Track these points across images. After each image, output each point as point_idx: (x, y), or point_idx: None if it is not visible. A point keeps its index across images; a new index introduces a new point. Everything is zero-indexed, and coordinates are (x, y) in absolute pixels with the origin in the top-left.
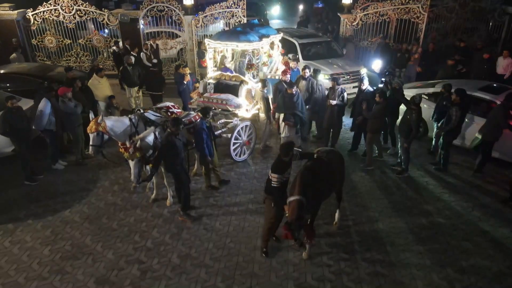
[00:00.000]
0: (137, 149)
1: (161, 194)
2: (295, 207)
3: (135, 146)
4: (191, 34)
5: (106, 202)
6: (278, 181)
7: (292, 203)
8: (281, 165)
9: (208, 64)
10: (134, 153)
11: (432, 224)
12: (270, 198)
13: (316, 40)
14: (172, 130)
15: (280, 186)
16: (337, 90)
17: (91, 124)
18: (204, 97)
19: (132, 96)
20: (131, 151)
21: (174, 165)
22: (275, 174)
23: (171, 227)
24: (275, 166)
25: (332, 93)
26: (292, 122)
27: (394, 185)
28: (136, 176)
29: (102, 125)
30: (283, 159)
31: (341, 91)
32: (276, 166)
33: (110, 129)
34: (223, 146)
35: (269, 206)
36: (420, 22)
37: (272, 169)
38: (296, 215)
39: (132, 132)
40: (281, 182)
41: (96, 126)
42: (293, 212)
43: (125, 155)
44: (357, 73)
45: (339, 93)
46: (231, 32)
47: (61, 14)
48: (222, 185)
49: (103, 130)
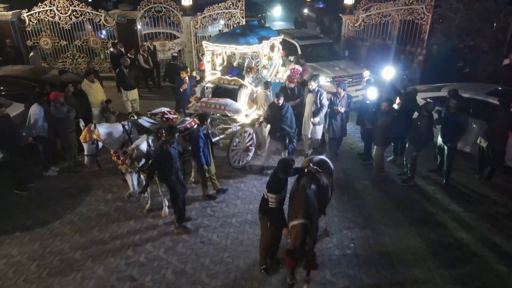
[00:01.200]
0: (134, 160)
1: (156, 203)
2: (299, 232)
3: (131, 157)
4: (189, 35)
5: (98, 212)
6: (275, 201)
7: (296, 228)
8: (279, 183)
9: (206, 67)
10: (132, 164)
11: (440, 237)
12: (266, 218)
13: (317, 42)
14: (167, 138)
15: (278, 206)
16: (343, 96)
17: (84, 133)
18: (202, 102)
19: (129, 100)
20: (128, 162)
21: (168, 175)
22: (272, 195)
23: (166, 240)
24: (272, 185)
25: (338, 100)
26: (276, 137)
27: (399, 195)
28: (135, 187)
29: (96, 133)
30: (280, 176)
31: (348, 96)
32: (273, 184)
33: (104, 137)
34: (221, 153)
35: (265, 227)
36: (424, 23)
37: (269, 189)
38: (300, 241)
39: (125, 139)
40: (278, 202)
41: (89, 135)
42: (296, 237)
43: (121, 168)
44: (360, 75)
45: (345, 99)
46: (230, 35)
47: (57, 15)
48: (220, 194)
49: (98, 138)
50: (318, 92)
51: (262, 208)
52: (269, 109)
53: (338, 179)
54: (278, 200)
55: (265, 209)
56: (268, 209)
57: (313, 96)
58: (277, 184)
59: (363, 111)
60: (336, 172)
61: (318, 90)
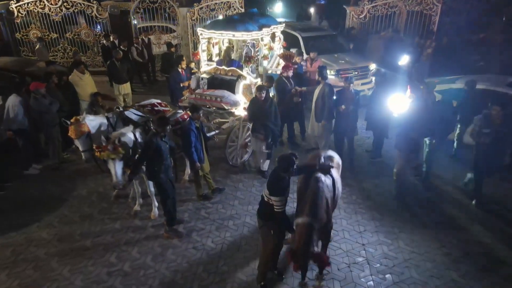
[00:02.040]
0: (117, 146)
1: (145, 204)
2: (303, 231)
3: (113, 142)
4: (186, 28)
5: (81, 214)
6: (281, 204)
7: (300, 227)
8: (281, 183)
9: (201, 56)
10: (115, 150)
11: (462, 242)
12: (268, 225)
13: (320, 34)
14: (158, 130)
15: (284, 209)
16: (350, 92)
17: (73, 129)
18: (196, 94)
19: (120, 94)
20: (110, 148)
21: (157, 173)
22: (276, 197)
23: (154, 245)
24: (275, 186)
25: (344, 97)
26: (262, 135)
27: (413, 194)
28: (119, 176)
29: (85, 125)
30: (282, 175)
31: (354, 93)
32: (275, 185)
33: (92, 129)
34: (218, 149)
35: (267, 235)
36: (434, 14)
37: (270, 190)
38: (304, 242)
39: (109, 132)
40: (284, 204)
41: (81, 129)
42: (300, 237)
43: (102, 155)
44: (366, 68)
45: (352, 96)
46: (227, 21)
47: (47, 6)
48: (216, 194)
49: (88, 130)
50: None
51: (262, 213)
52: (251, 105)
53: (345, 178)
54: (284, 203)
55: (267, 215)
56: (271, 214)
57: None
58: (279, 185)
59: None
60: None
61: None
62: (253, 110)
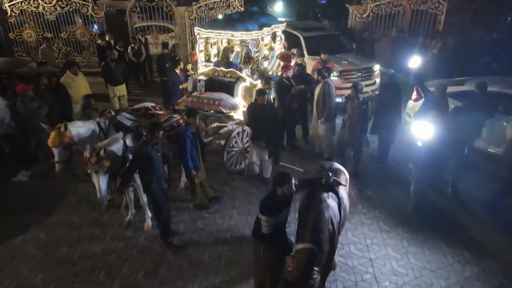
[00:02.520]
0: (102, 158)
1: (138, 214)
2: (302, 259)
3: (98, 154)
4: (184, 28)
5: (70, 225)
6: (268, 225)
7: (299, 254)
8: (275, 203)
9: (199, 57)
10: (100, 162)
11: (478, 258)
12: (258, 243)
13: (322, 34)
14: (148, 138)
15: (273, 231)
16: (359, 100)
17: (53, 136)
18: (193, 97)
19: (116, 96)
20: (93, 160)
21: (149, 183)
22: (264, 216)
23: (147, 260)
24: (265, 203)
25: (352, 105)
26: (263, 143)
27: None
28: (103, 192)
29: (68, 135)
30: (277, 193)
31: (363, 101)
32: (267, 203)
33: (77, 138)
34: (216, 155)
35: (257, 253)
36: (439, 13)
37: (260, 207)
38: (302, 272)
39: (101, 139)
40: (274, 226)
41: (60, 138)
42: (298, 266)
43: (87, 167)
44: (370, 69)
45: (361, 104)
46: (226, 20)
47: (41, 5)
48: (213, 203)
49: (71, 140)
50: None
51: (254, 230)
52: (250, 110)
53: None
54: (273, 225)
55: (258, 232)
56: (261, 234)
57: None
58: (272, 204)
59: None
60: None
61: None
62: (252, 115)
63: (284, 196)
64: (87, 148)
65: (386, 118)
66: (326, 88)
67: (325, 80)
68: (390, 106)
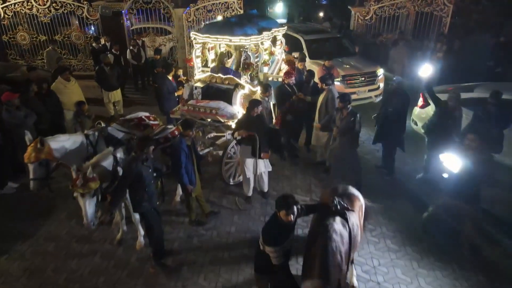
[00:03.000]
0: (90, 180)
1: (130, 231)
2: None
3: (85, 175)
4: (182, 30)
5: (57, 244)
6: (278, 255)
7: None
8: (280, 231)
9: (195, 63)
10: (86, 184)
11: (493, 283)
12: (266, 279)
13: (324, 36)
14: (138, 154)
15: (284, 260)
16: (347, 111)
17: (28, 151)
18: (189, 105)
19: (110, 101)
20: (79, 183)
21: (139, 202)
22: (271, 248)
23: (138, 284)
24: (270, 234)
25: (340, 117)
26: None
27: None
28: (90, 217)
29: (45, 151)
30: (281, 220)
31: (352, 113)
32: (271, 232)
33: (58, 152)
34: (213, 165)
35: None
36: (444, 15)
37: (265, 240)
38: None
39: (89, 153)
40: (283, 255)
41: (36, 154)
42: None
43: (73, 190)
44: (373, 74)
45: (348, 116)
46: (224, 24)
47: (35, 7)
48: (211, 218)
49: (49, 156)
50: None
51: (257, 265)
52: (245, 119)
53: None
54: (282, 254)
55: (262, 267)
56: (267, 266)
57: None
58: (276, 231)
59: None
60: None
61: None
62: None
63: (287, 221)
64: (73, 168)
65: (391, 126)
66: (330, 96)
67: (329, 88)
68: (395, 114)
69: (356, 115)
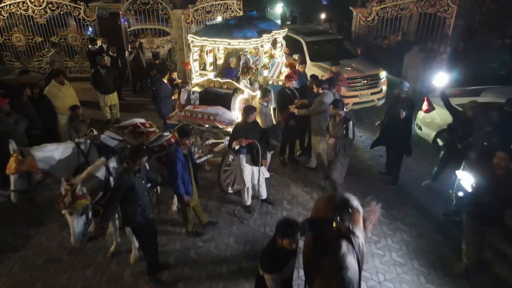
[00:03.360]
0: (79, 197)
1: (124, 243)
2: None
3: (73, 193)
4: (180, 31)
5: (47, 257)
6: (276, 284)
7: None
8: (279, 256)
9: (193, 67)
10: (74, 203)
11: None
12: None
13: (325, 38)
14: (130, 165)
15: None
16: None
17: (10, 162)
18: (186, 111)
19: (107, 105)
20: (67, 200)
21: (131, 216)
22: (269, 275)
23: None
24: (268, 259)
25: (333, 124)
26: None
27: (442, 231)
28: (78, 236)
29: (27, 162)
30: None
31: (344, 120)
32: (269, 258)
33: (44, 163)
34: (211, 172)
35: None
36: (448, 16)
37: (263, 264)
38: None
39: (80, 163)
40: (281, 284)
41: (17, 165)
42: None
43: (60, 208)
44: (376, 76)
45: (340, 123)
46: (222, 26)
47: (30, 8)
48: (208, 229)
49: (32, 169)
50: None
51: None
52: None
53: None
54: (280, 282)
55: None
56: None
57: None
58: (275, 257)
59: None
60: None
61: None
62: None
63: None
64: (62, 184)
65: (395, 132)
66: (319, 99)
67: (324, 92)
68: (400, 120)
69: (349, 122)
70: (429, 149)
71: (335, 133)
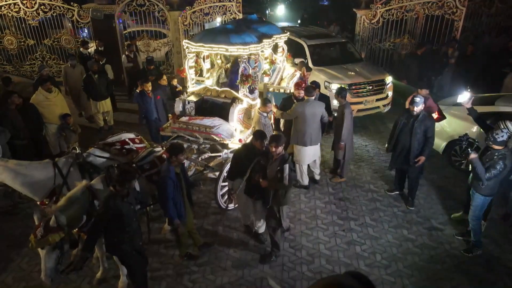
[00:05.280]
0: (52, 231)
1: (112, 269)
2: None
3: (46, 224)
4: (178, 34)
5: (28, 281)
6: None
7: None
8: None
9: (188, 74)
10: (45, 238)
11: None
12: None
13: (328, 41)
14: (117, 189)
15: None
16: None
17: None
18: (181, 123)
19: (99, 112)
20: (39, 233)
21: (117, 244)
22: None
23: None
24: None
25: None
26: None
27: (451, 251)
28: (49, 273)
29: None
30: None
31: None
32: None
33: (14, 182)
34: (208, 186)
35: None
36: (456, 18)
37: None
38: None
39: (57, 185)
40: None
41: None
42: None
43: (30, 243)
44: (382, 82)
45: (275, 164)
46: (219, 31)
47: (22, 10)
48: (204, 251)
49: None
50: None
51: None
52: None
53: (364, 227)
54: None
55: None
56: None
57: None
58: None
59: None
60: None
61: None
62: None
63: None
64: (36, 212)
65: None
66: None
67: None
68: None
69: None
70: (439, 160)
71: (270, 174)
